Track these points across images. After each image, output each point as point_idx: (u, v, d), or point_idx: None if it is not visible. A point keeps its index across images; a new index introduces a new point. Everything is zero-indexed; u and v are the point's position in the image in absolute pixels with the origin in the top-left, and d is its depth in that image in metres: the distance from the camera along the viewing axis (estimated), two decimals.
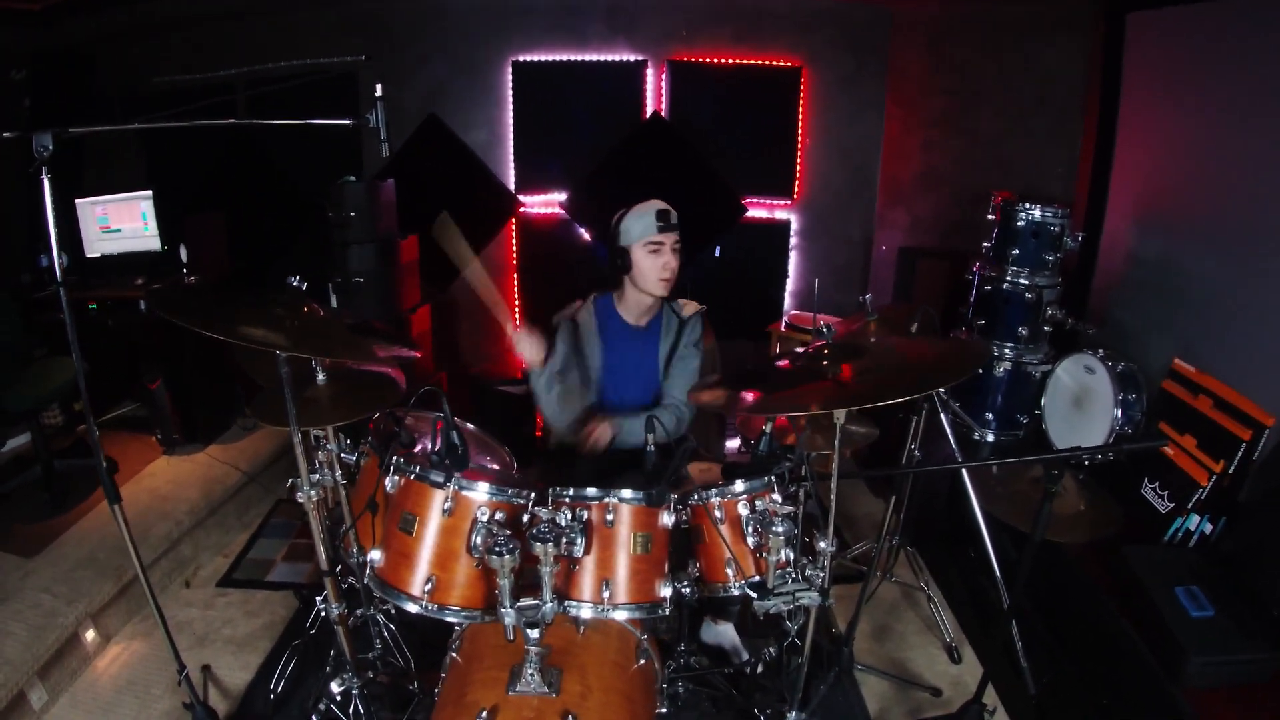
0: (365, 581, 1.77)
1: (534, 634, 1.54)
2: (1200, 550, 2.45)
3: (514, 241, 4.71)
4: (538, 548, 1.53)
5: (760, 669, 2.30)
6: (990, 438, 3.25)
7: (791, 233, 4.67)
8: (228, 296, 1.87)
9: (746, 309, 4.58)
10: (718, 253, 4.63)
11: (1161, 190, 3.10)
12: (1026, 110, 3.80)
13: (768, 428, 1.92)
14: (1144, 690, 2.08)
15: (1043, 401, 3.12)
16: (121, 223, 3.57)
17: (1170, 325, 2.98)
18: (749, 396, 1.80)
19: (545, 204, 4.63)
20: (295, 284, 1.78)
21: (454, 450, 1.68)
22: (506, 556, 1.50)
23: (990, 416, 3.24)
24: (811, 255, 4.73)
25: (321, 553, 1.87)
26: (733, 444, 3.90)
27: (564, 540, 1.58)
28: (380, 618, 2.25)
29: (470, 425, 2.40)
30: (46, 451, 3.06)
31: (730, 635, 2.49)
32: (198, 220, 3.83)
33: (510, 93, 4.40)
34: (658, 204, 2.36)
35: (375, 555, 1.76)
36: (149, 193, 3.58)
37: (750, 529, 1.79)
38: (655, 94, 4.41)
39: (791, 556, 1.68)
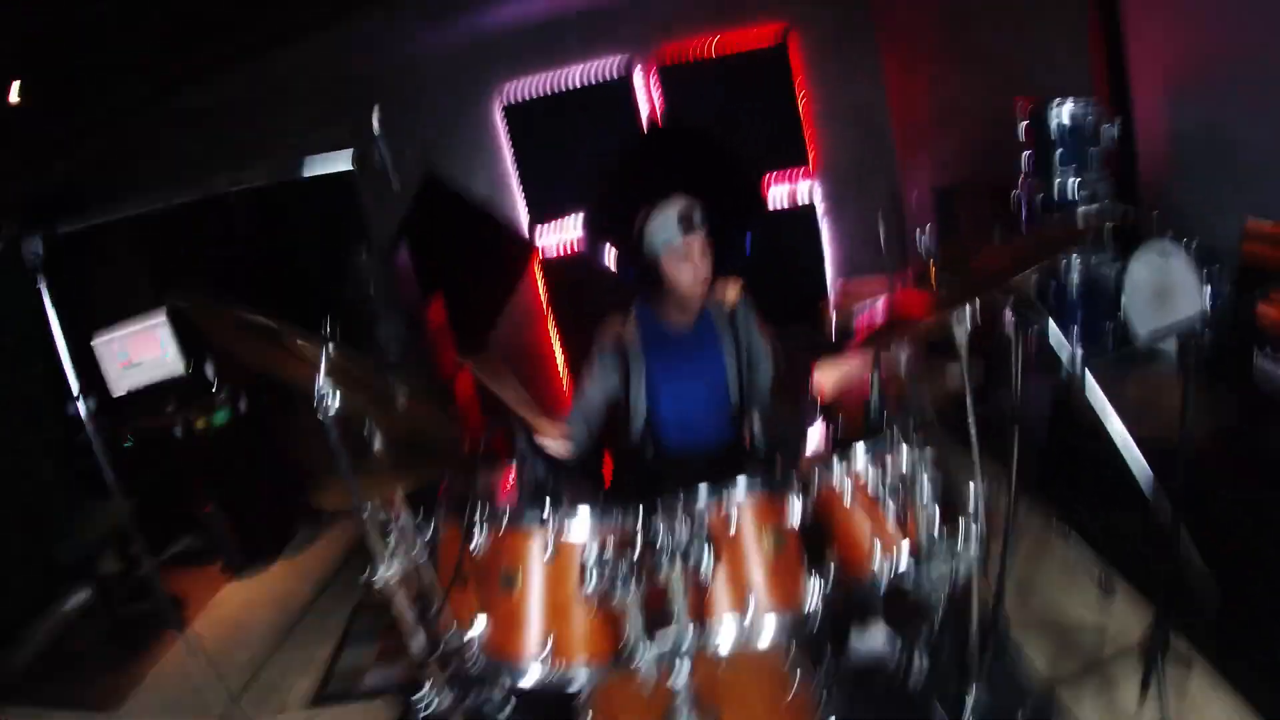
0: (473, 662, 1.53)
1: (683, 666, 1.30)
2: None
3: (540, 287, 4.57)
4: (664, 571, 1.30)
5: (924, 657, 2.03)
6: (1080, 355, 2.98)
7: (819, 203, 4.50)
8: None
9: (788, 294, 4.37)
10: (749, 251, 4.46)
11: (1189, 57, 2.88)
12: (1025, 12, 3.55)
13: (874, 384, 1.72)
14: None
15: (1123, 301, 2.87)
16: (141, 355, 3.45)
17: (1229, 189, 2.72)
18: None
19: (563, 243, 4.51)
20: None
21: (541, 486, 1.47)
22: (633, 588, 1.27)
23: (1076, 332, 2.96)
24: (842, 222, 4.55)
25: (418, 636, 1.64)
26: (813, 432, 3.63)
27: (690, 555, 1.34)
28: (498, 698, 2.00)
29: None
30: (108, 604, 2.90)
31: (883, 634, 2.22)
32: None
33: (505, 138, 4.34)
34: (677, 205, 2.14)
35: (478, 630, 1.52)
36: (163, 319, 3.46)
37: (887, 497, 1.56)
38: (648, 103, 4.31)
39: (938, 513, 1.51)
